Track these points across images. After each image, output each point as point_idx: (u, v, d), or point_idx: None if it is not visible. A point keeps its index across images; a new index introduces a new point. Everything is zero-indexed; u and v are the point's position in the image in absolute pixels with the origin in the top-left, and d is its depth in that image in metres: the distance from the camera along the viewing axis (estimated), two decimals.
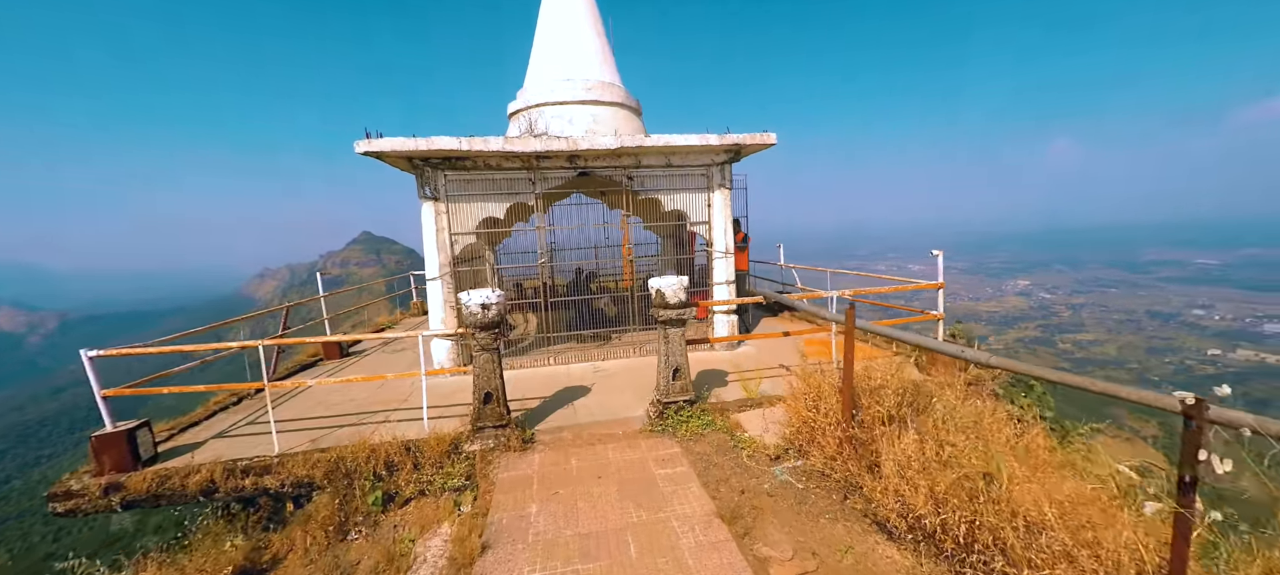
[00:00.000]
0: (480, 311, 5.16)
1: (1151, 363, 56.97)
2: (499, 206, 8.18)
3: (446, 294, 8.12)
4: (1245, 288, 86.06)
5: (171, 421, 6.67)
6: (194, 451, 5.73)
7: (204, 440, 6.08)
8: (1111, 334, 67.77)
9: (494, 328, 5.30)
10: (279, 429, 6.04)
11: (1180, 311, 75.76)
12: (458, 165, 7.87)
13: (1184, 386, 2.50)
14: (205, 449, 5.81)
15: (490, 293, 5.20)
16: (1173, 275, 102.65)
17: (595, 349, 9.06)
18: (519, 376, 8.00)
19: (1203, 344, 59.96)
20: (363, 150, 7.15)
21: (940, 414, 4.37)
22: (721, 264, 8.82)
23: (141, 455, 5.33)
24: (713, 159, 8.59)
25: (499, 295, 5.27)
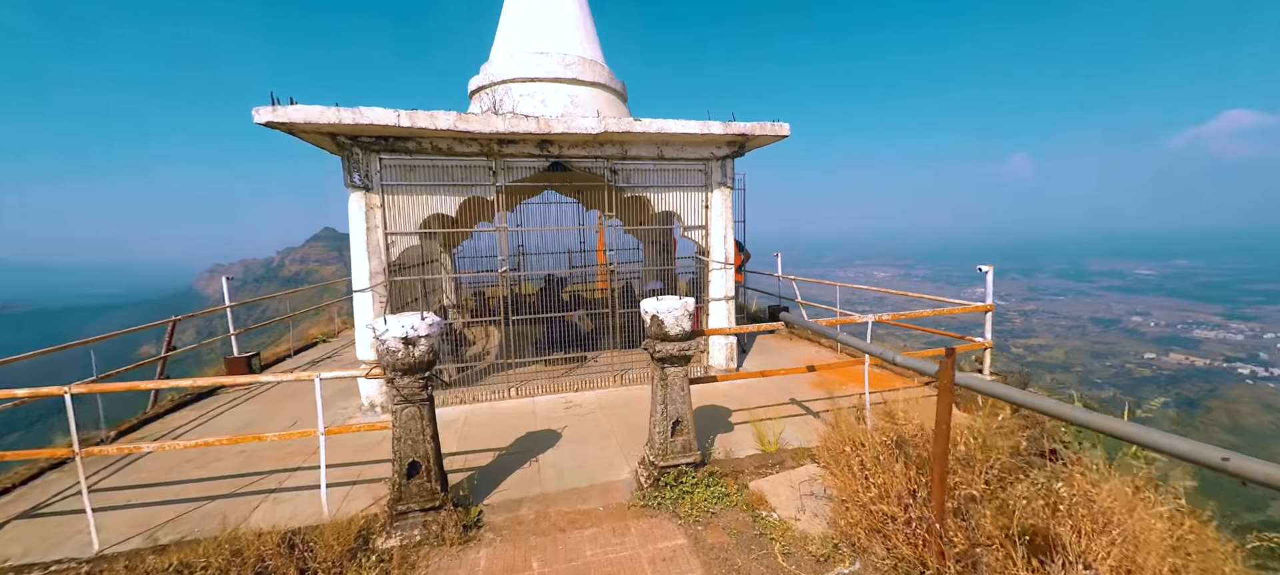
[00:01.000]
0: (402, 348, 3.57)
1: (1095, 366, 59.44)
2: (450, 200, 6.56)
3: (377, 309, 6.43)
4: (1177, 296, 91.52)
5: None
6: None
7: (1, 522, 4.26)
8: (1059, 340, 70.57)
9: (423, 371, 3.72)
10: (111, 506, 4.29)
11: (1121, 318, 79.88)
12: (398, 147, 6.21)
13: (1124, 389, 1.41)
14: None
15: (418, 319, 3.62)
16: (1114, 284, 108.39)
17: (566, 377, 7.50)
18: (472, 414, 6.37)
19: (1140, 348, 63.18)
20: (265, 121, 5.43)
21: (1043, 489, 3.07)
22: (720, 278, 7.42)
23: None
24: (713, 152, 7.20)
25: (432, 323, 3.69)
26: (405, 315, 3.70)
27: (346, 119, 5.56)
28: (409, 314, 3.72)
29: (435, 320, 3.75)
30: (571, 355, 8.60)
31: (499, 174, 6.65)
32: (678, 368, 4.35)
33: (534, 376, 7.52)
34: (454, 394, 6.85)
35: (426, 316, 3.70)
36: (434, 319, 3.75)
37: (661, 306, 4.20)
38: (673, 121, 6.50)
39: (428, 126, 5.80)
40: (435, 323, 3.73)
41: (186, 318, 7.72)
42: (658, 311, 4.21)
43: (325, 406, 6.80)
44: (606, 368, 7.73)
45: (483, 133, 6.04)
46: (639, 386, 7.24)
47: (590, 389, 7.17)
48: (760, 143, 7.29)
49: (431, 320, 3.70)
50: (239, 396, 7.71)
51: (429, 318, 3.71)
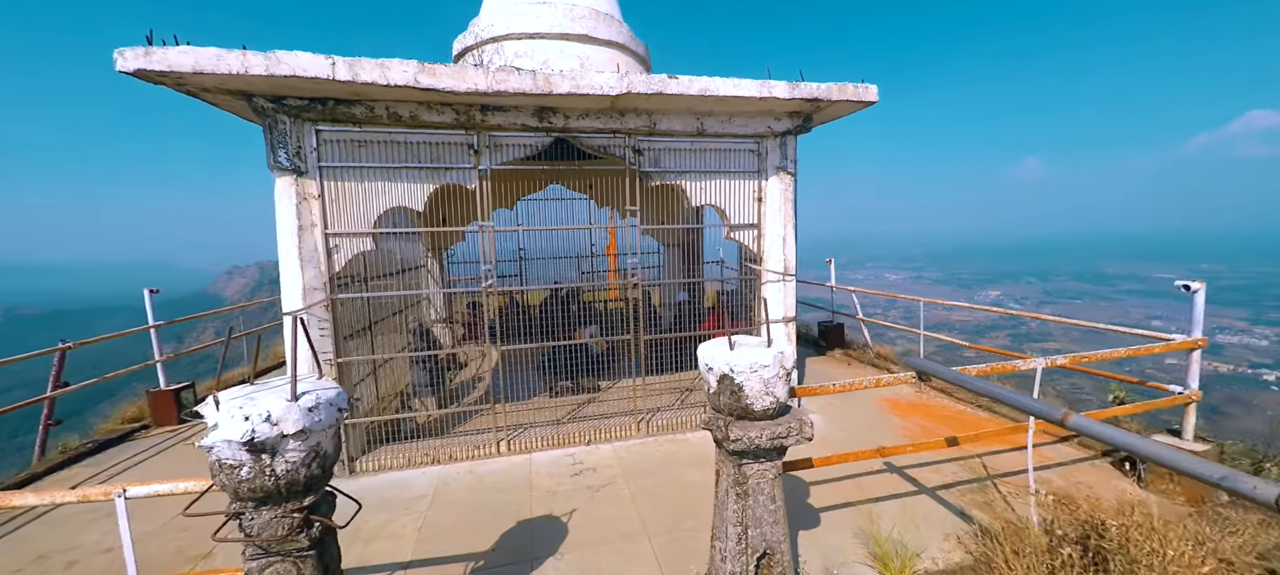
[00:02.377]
0: (248, 461, 1.80)
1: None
2: (416, 189, 4.80)
3: (315, 338, 4.68)
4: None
5: None
6: None
7: None
8: (1076, 343, 68.28)
9: (294, 499, 1.94)
10: None
11: (1140, 323, 77.71)
12: (341, 115, 4.47)
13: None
14: None
15: (280, 400, 1.85)
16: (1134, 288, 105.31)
17: (574, 423, 5.71)
18: (445, 485, 4.60)
19: (1161, 354, 61.12)
20: (134, 69, 3.70)
21: None
22: (777, 292, 5.61)
23: None
24: (771, 125, 5.39)
25: (320, 404, 1.93)
26: (264, 391, 1.94)
27: (256, 68, 3.81)
28: (268, 391, 1.95)
29: (329, 397, 1.99)
30: (581, 385, 6.82)
31: (482, 153, 4.88)
32: (766, 464, 2.54)
33: (533, 417, 5.74)
34: (425, 449, 5.09)
35: (309, 394, 1.93)
36: (327, 395, 1.98)
37: (739, 360, 2.41)
38: (721, 81, 4.71)
39: (376, 81, 4.04)
40: (327, 403, 1.97)
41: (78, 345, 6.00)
42: (732, 370, 2.41)
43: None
44: (625, 407, 5.95)
45: (457, 93, 4.27)
46: (669, 438, 5.45)
47: (606, 441, 5.38)
48: (835, 113, 5.48)
49: (317, 397, 1.94)
50: (161, 443, 6.02)
51: (315, 393, 1.94)
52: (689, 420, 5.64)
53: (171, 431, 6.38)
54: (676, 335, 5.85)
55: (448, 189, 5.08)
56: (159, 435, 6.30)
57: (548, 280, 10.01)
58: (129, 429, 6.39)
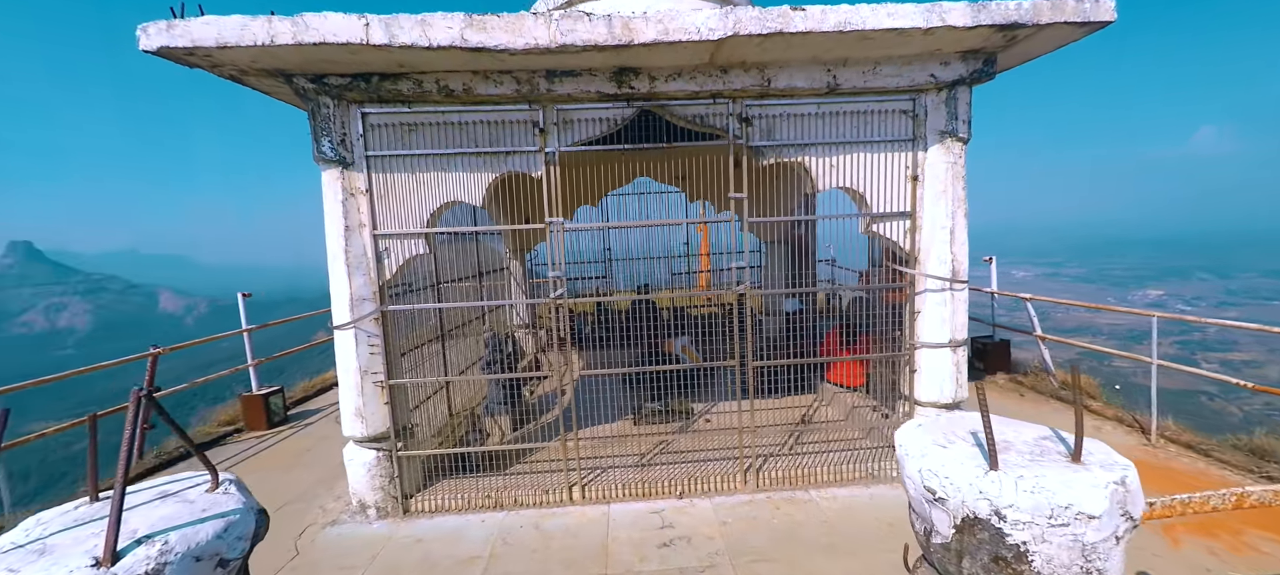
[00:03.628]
0: None
1: None
2: (474, 180, 3.99)
3: (364, 356, 4.04)
4: None
5: None
6: None
7: None
8: (1275, 355, 53.84)
9: None
10: None
11: None
12: (387, 93, 3.76)
13: None
14: None
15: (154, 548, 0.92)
16: None
17: (664, 464, 4.61)
18: (504, 541, 3.73)
19: None
20: (156, 47, 3.21)
21: None
22: (939, 307, 4.06)
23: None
24: (936, 71, 3.86)
25: (205, 543, 0.99)
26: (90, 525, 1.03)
27: (283, 37, 3.16)
28: (94, 525, 1.04)
29: (197, 542, 1.04)
30: (672, 407, 5.72)
31: (549, 132, 3.94)
32: None
33: (614, 451, 4.74)
34: (487, 490, 4.29)
35: (154, 544, 1.00)
36: (192, 539, 1.04)
37: (1021, 499, 1.12)
38: (867, 8, 3.31)
39: (417, 42, 3.22)
40: (182, 561, 1.01)
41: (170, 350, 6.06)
42: (1000, 513, 1.12)
43: (303, 498, 4.63)
44: (726, 443, 4.74)
45: (514, 51, 3.34)
46: (787, 497, 4.15)
47: (703, 494, 4.22)
48: (1036, 47, 3.80)
49: (165, 553, 0.99)
50: (248, 449, 5.91)
51: (162, 545, 1.00)
52: (813, 472, 4.30)
53: (260, 437, 6.30)
54: (793, 360, 4.52)
55: (513, 179, 4.22)
56: (249, 440, 6.24)
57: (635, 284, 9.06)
58: (223, 432, 6.41)
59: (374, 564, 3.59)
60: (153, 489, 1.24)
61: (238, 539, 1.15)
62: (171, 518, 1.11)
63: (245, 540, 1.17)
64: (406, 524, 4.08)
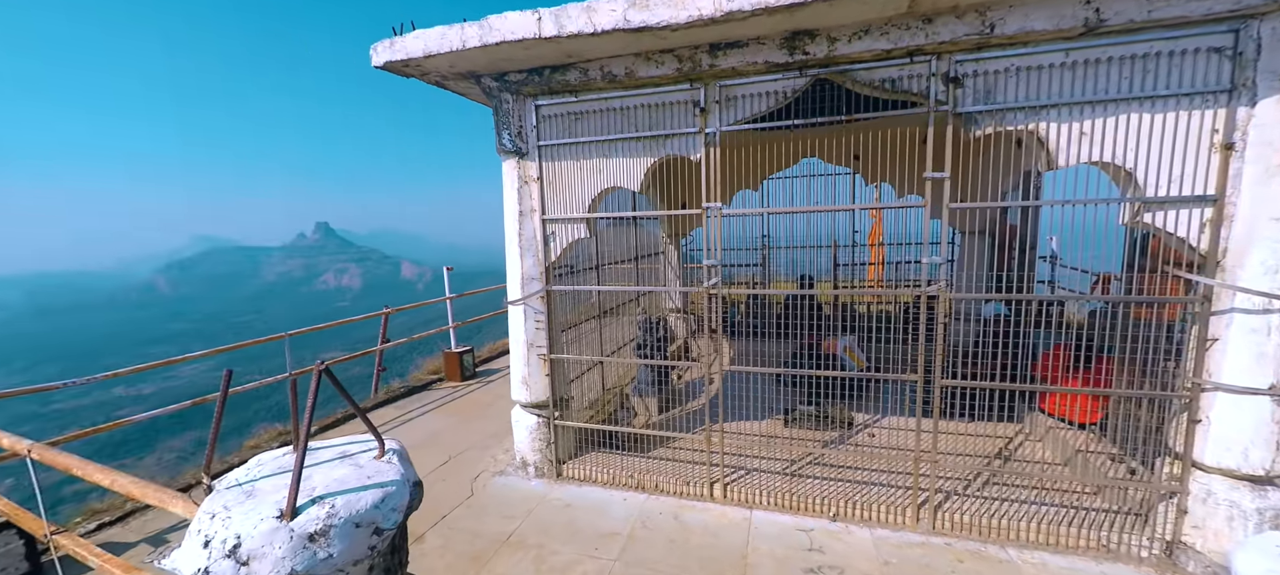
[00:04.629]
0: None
1: None
2: (630, 165, 4.00)
3: (531, 330, 4.40)
4: None
5: None
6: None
7: None
8: None
9: None
10: None
11: None
12: (557, 84, 3.95)
13: None
14: None
15: (259, 527, 1.04)
16: None
17: (817, 479, 4.16)
18: (643, 526, 3.76)
19: None
20: (382, 63, 3.83)
21: None
22: (1258, 339, 2.83)
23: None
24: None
25: (365, 511, 1.08)
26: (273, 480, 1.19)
27: (472, 40, 3.50)
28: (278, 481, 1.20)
29: (358, 509, 1.13)
30: (828, 413, 5.16)
31: (710, 111, 3.73)
32: None
33: (760, 452, 4.45)
34: (631, 470, 4.38)
35: (321, 506, 1.11)
36: (355, 506, 1.13)
37: None
38: None
39: (583, 29, 3.28)
40: (346, 525, 1.11)
41: (398, 310, 7.44)
42: None
43: (480, 446, 5.28)
44: (897, 468, 4.08)
45: (676, 26, 3.18)
46: (974, 549, 3.40)
47: (861, 521, 3.69)
48: None
49: (332, 514, 1.09)
50: (445, 396, 7.05)
51: (331, 507, 1.11)
52: (1015, 526, 3.44)
53: (454, 387, 7.45)
54: (1005, 385, 3.65)
55: (671, 164, 4.13)
56: (447, 388, 7.42)
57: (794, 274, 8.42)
58: (430, 379, 7.75)
59: (529, 519, 3.93)
60: (336, 448, 1.40)
61: (392, 510, 1.23)
62: (343, 480, 1.23)
63: (399, 512, 1.25)
64: (558, 487, 4.38)
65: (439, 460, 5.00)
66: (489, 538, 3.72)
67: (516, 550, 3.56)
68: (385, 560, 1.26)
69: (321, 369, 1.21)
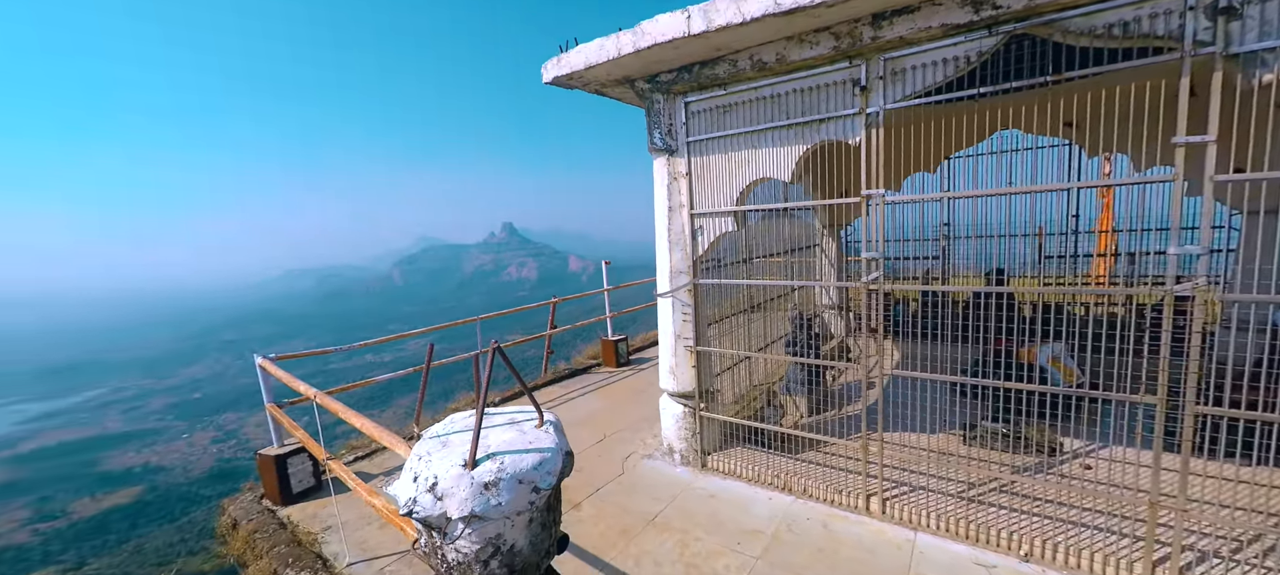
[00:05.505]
0: (422, 533, 1.36)
1: None
2: (779, 154, 3.85)
3: (679, 322, 4.53)
4: None
5: None
6: None
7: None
8: None
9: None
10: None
11: None
12: (705, 79, 3.99)
13: None
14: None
15: (450, 472, 1.29)
16: None
17: (1000, 512, 3.53)
18: (789, 525, 3.63)
19: None
20: (551, 78, 4.28)
21: None
22: None
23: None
24: None
25: (526, 472, 1.31)
26: (462, 436, 1.46)
27: (627, 47, 3.72)
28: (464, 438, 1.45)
29: (521, 469, 1.35)
30: (1023, 434, 4.33)
31: (872, 88, 3.40)
32: None
33: (928, 469, 3.94)
34: (778, 469, 4.25)
35: (493, 461, 1.34)
36: (518, 465, 1.35)
37: None
38: None
39: (731, 21, 3.25)
40: (511, 480, 1.33)
41: (562, 300, 8.25)
42: None
43: (632, 429, 5.59)
44: (1122, 512, 3.26)
45: (831, 1, 2.97)
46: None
47: (1066, 569, 3.04)
48: None
49: (501, 470, 1.32)
50: (602, 380, 7.67)
51: (500, 462, 1.34)
52: None
53: (610, 372, 8.04)
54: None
55: (826, 150, 3.88)
56: (603, 373, 8.05)
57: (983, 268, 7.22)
58: (590, 363, 8.48)
59: (673, 504, 4.08)
60: (506, 415, 1.65)
61: (547, 473, 1.41)
62: (510, 442, 1.45)
63: (553, 475, 1.43)
64: (703, 477, 4.45)
65: (594, 438, 5.47)
66: (636, 515, 3.97)
67: (661, 531, 3.74)
68: (542, 515, 1.46)
69: (495, 348, 1.44)
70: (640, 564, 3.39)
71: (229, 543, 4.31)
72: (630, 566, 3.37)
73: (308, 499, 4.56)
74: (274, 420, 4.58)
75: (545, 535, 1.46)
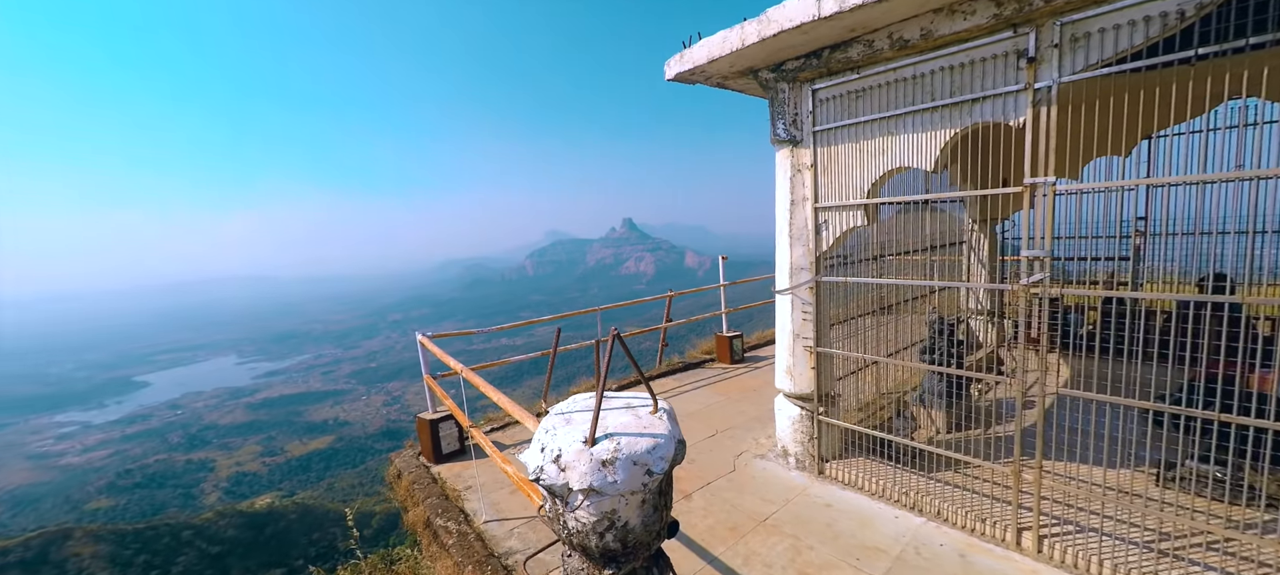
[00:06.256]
0: (547, 499, 1.49)
1: None
2: (922, 140, 3.48)
3: (798, 321, 4.34)
4: None
5: None
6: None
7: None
8: None
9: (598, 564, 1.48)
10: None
11: None
12: (836, 64, 3.75)
13: None
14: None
15: (573, 447, 1.41)
16: None
17: None
18: (916, 549, 3.31)
19: None
20: (674, 75, 4.34)
21: None
22: None
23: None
24: None
25: (640, 454, 1.40)
26: (583, 416, 1.57)
27: (751, 37, 3.64)
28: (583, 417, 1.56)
29: (636, 452, 1.43)
30: (1247, 480, 3.40)
31: (1044, 59, 2.92)
32: None
33: (1103, 508, 3.29)
34: (906, 485, 3.89)
35: (609, 441, 1.44)
36: (633, 448, 1.43)
37: None
38: None
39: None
40: (627, 460, 1.41)
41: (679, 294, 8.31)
42: None
43: (744, 427, 5.47)
44: None
45: None
46: None
47: None
48: None
49: (618, 449, 1.41)
50: (715, 376, 7.66)
51: (617, 442, 1.43)
52: None
53: (725, 369, 7.97)
54: None
55: (978, 134, 3.43)
56: (717, 368, 8.01)
57: (1196, 272, 5.81)
58: (703, 358, 8.49)
59: (786, 507, 3.94)
60: (622, 400, 1.74)
61: (660, 458, 1.47)
62: (625, 425, 1.53)
63: (665, 461, 1.48)
64: (819, 484, 4.23)
65: (707, 433, 5.48)
66: (746, 513, 3.91)
67: (772, 534, 3.64)
68: (654, 498, 1.52)
69: (615, 336, 1.53)
70: (749, 564, 3.34)
71: (395, 489, 5.12)
72: (739, 564, 3.33)
73: (453, 460, 5.23)
74: (430, 389, 5.32)
75: (656, 518, 1.52)
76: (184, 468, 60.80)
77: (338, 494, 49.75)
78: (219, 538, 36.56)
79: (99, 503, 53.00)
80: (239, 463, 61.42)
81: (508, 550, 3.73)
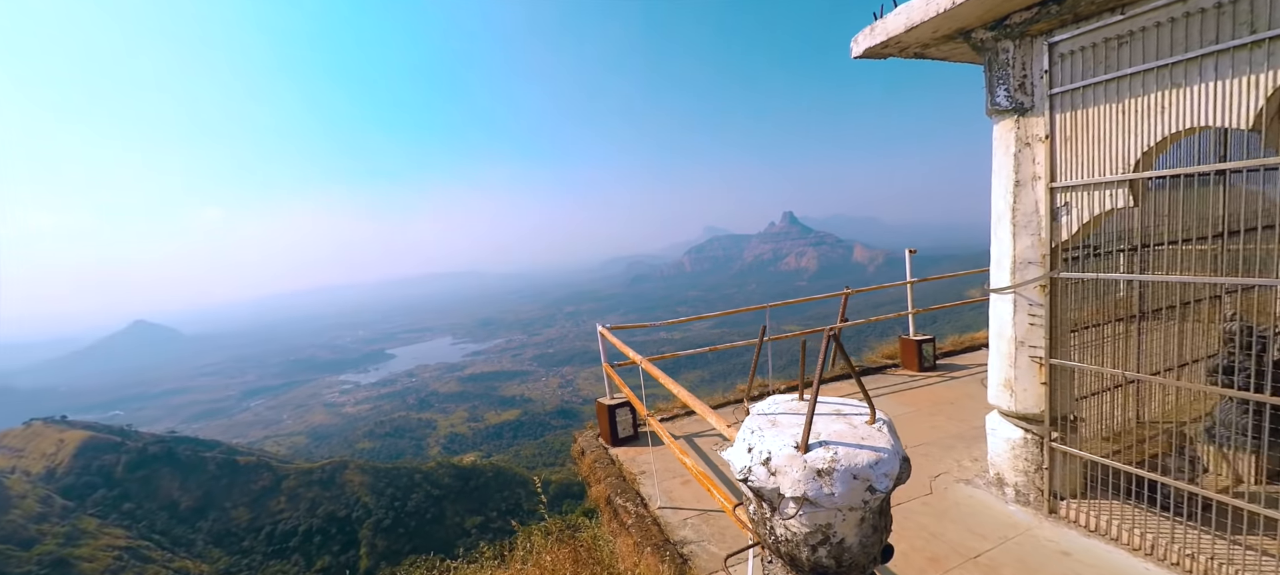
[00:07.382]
0: (752, 498, 1.46)
1: None
2: (1232, 89, 2.58)
3: (1021, 326, 3.60)
4: None
5: None
6: None
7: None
8: None
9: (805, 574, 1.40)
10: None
11: None
12: (1085, 7, 3.00)
13: None
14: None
15: (784, 451, 1.35)
16: None
17: None
18: None
19: None
20: (863, 49, 3.93)
21: None
22: None
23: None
24: None
25: (861, 468, 1.30)
26: (794, 419, 1.50)
27: None
28: (795, 421, 1.49)
29: (855, 465, 1.32)
30: None
31: None
32: None
33: None
34: (1184, 546, 2.96)
35: (826, 449, 1.35)
36: (853, 461, 1.33)
37: None
38: None
39: None
40: (845, 473, 1.31)
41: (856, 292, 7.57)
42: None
43: (940, 445, 4.75)
44: None
45: None
46: None
47: None
48: None
49: (835, 459, 1.32)
50: (900, 384, 6.88)
51: (835, 452, 1.34)
52: None
53: (910, 376, 7.09)
54: None
55: None
56: (902, 375, 7.16)
57: None
58: (884, 363, 7.66)
59: (1004, 547, 3.31)
60: (831, 405, 1.62)
61: (884, 475, 1.33)
62: (840, 435, 1.42)
63: (890, 479, 1.34)
64: (1050, 525, 3.47)
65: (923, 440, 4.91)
66: (948, 545, 3.40)
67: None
68: (873, 518, 1.38)
69: (832, 334, 1.43)
70: None
71: (579, 464, 5.65)
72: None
73: (628, 445, 5.56)
74: (608, 377, 5.74)
75: (876, 539, 1.39)
76: (416, 424, 76.90)
77: (522, 460, 57.95)
78: (438, 483, 45.52)
79: (363, 443, 70.00)
80: (453, 425, 75.40)
81: (682, 539, 3.83)
